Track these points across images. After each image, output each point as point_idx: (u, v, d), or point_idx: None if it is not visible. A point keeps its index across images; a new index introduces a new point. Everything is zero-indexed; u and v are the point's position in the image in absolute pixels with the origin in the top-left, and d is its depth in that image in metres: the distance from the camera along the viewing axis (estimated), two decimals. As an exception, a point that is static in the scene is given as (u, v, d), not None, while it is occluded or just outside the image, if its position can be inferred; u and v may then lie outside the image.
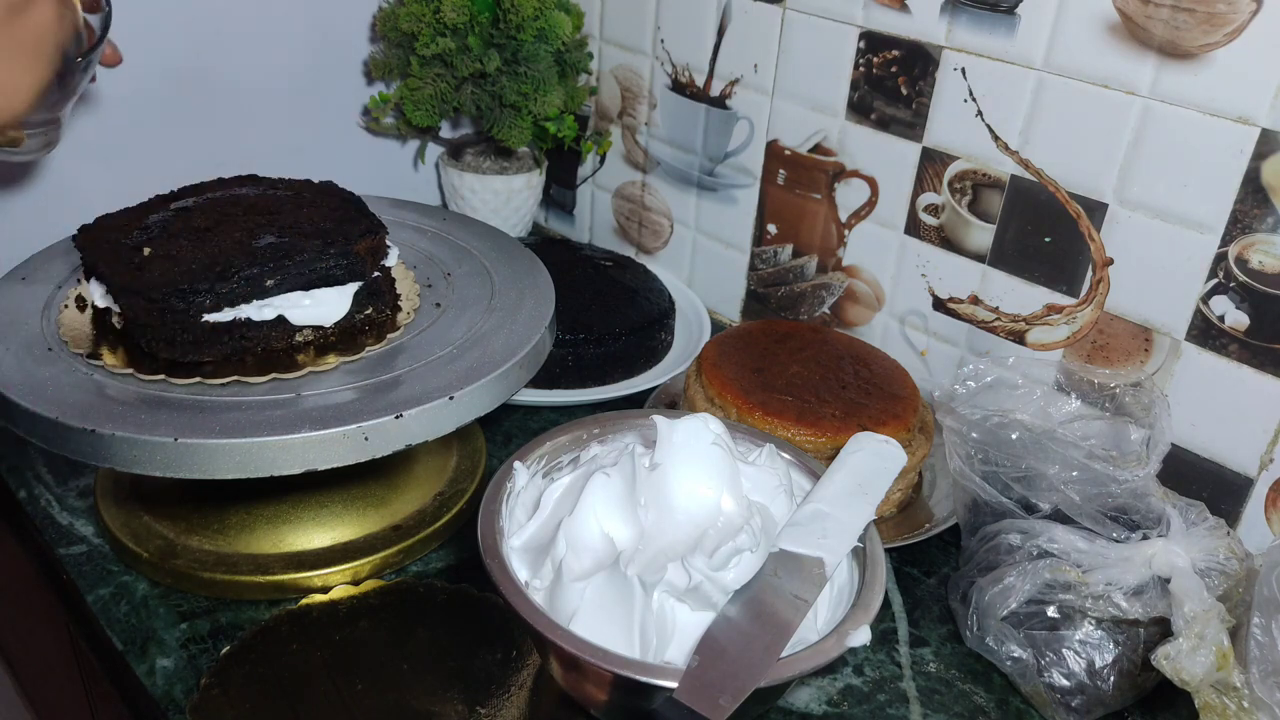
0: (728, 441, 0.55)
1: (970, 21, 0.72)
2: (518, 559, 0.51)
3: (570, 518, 0.51)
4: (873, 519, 0.53)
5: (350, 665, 0.55)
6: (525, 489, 0.56)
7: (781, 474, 0.57)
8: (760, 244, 0.93)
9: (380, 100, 0.99)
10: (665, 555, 0.51)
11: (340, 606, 0.59)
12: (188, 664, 0.56)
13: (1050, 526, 0.58)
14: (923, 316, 0.83)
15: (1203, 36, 0.62)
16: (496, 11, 0.90)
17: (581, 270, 0.90)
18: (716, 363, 0.72)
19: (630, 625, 0.47)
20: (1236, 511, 0.69)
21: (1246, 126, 0.62)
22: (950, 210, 0.78)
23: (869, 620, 0.48)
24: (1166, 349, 0.69)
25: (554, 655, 0.50)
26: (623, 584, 0.48)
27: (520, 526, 0.53)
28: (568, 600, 0.48)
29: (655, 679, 0.44)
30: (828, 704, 0.57)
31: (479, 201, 1.02)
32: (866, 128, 0.81)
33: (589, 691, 0.51)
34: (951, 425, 0.65)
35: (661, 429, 0.55)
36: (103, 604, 0.60)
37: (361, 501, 0.65)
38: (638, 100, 0.99)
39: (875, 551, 0.52)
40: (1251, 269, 0.64)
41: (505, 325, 0.64)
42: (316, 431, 0.52)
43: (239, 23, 0.93)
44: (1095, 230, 0.70)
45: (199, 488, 0.65)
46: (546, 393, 0.81)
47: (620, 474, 0.53)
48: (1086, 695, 0.56)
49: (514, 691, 0.54)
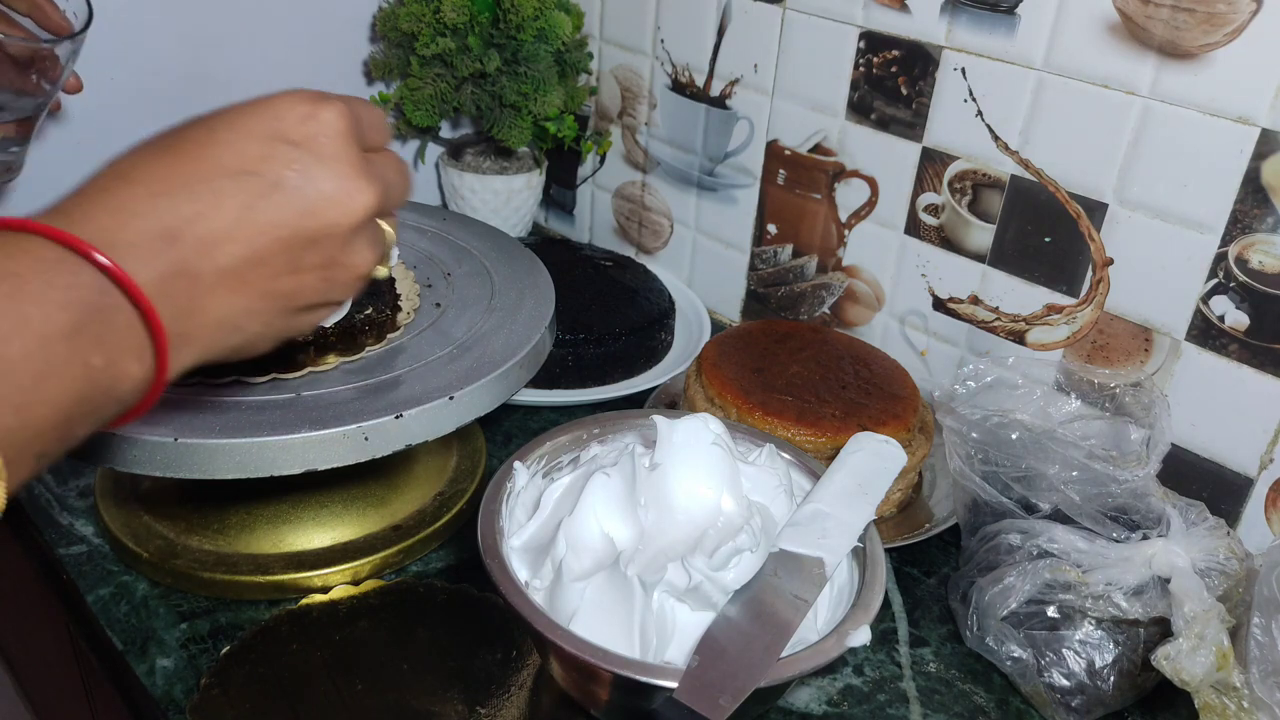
0: (728, 441, 0.55)
1: (970, 21, 0.72)
2: (518, 559, 0.51)
3: (570, 518, 0.51)
4: (873, 519, 0.53)
5: (350, 665, 0.55)
6: (525, 489, 0.56)
7: (781, 474, 0.57)
8: (760, 244, 0.93)
9: (380, 100, 0.99)
10: (665, 555, 0.51)
11: (340, 606, 0.59)
12: (188, 664, 0.56)
13: (1050, 526, 0.58)
14: (923, 316, 0.83)
15: (1203, 36, 0.62)
16: (496, 11, 0.90)
17: (581, 270, 0.90)
18: (716, 363, 0.72)
19: (630, 625, 0.47)
20: (1236, 511, 0.69)
21: (1246, 126, 0.62)
22: (950, 210, 0.78)
23: (869, 620, 0.48)
24: (1166, 349, 0.69)
25: (554, 655, 0.50)
26: (623, 584, 0.48)
27: (520, 526, 0.53)
28: (568, 600, 0.48)
29: (655, 679, 0.44)
30: (828, 704, 0.57)
31: (479, 201, 1.02)
32: (866, 128, 0.81)
33: (589, 691, 0.51)
34: (951, 425, 0.65)
35: (661, 429, 0.55)
36: (103, 604, 0.60)
37: (361, 501, 0.65)
38: (638, 100, 0.99)
39: (875, 551, 0.52)
40: (1251, 269, 0.64)
41: (505, 325, 0.64)
42: (316, 431, 0.52)
43: (239, 23, 0.93)
44: (1095, 230, 0.70)
45: (199, 488, 0.65)
46: (546, 393, 0.81)
47: (620, 474, 0.53)
48: (1086, 695, 0.56)
49: (514, 691, 0.54)
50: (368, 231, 0.41)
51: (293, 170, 0.38)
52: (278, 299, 0.39)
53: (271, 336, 0.41)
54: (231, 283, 0.37)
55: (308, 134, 0.38)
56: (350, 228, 0.40)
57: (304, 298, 0.40)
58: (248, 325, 0.39)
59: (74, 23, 0.66)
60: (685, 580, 0.48)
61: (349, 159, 0.39)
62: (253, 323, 0.39)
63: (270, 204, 0.37)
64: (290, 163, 0.38)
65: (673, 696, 0.43)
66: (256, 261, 0.37)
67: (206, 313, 0.37)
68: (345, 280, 0.42)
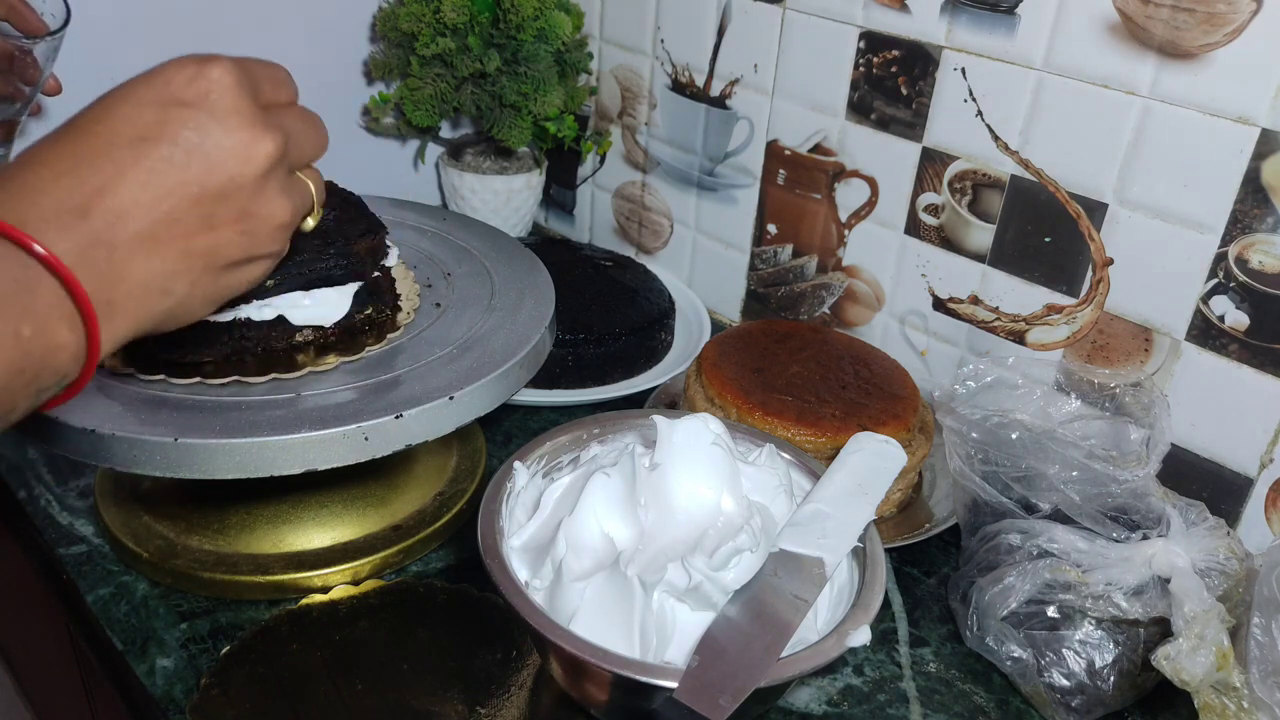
0: (728, 441, 0.55)
1: (970, 21, 0.72)
2: (518, 559, 0.51)
3: (570, 518, 0.51)
4: (873, 519, 0.53)
5: (350, 665, 0.55)
6: (525, 489, 0.56)
7: (781, 474, 0.57)
8: (760, 244, 0.93)
9: (380, 100, 0.99)
10: (665, 555, 0.51)
11: (340, 606, 0.59)
12: (188, 664, 0.56)
13: (1050, 526, 0.58)
14: (923, 316, 0.83)
15: (1203, 36, 0.62)
16: (496, 11, 0.90)
17: (581, 270, 0.90)
18: (716, 363, 0.72)
19: (630, 625, 0.47)
20: (1236, 511, 0.69)
21: (1246, 126, 0.62)
22: (950, 210, 0.78)
23: (869, 620, 0.48)
24: (1166, 349, 0.69)
25: (554, 655, 0.50)
26: (623, 584, 0.48)
27: (520, 526, 0.53)
28: (568, 600, 0.48)
29: (656, 679, 0.44)
30: (828, 704, 0.57)
31: (479, 201, 1.02)
32: (866, 128, 0.81)
33: (589, 691, 0.51)
34: (951, 425, 0.65)
35: (661, 429, 0.55)
36: (103, 604, 0.60)
37: (361, 501, 0.65)
38: (638, 100, 0.99)
39: (875, 551, 0.52)
40: (1251, 269, 0.64)
41: (505, 325, 0.64)
42: (316, 431, 0.52)
43: (238, 23, 0.93)
44: (1095, 230, 0.70)
45: (199, 488, 0.65)
46: (546, 393, 0.81)
47: (620, 474, 0.53)
48: (1086, 695, 0.56)
49: (514, 691, 0.54)
50: (276, 180, 0.42)
51: (188, 129, 0.39)
52: (198, 257, 0.40)
53: (203, 297, 0.42)
54: (149, 246, 0.38)
55: (198, 93, 0.39)
56: (255, 177, 0.41)
57: (226, 254, 0.41)
58: (174, 287, 0.40)
59: (51, 23, 0.66)
60: (685, 580, 0.48)
61: (243, 110, 0.40)
62: (178, 284, 0.40)
63: (172, 165, 0.39)
64: (185, 123, 0.39)
65: (672, 696, 0.43)
66: (169, 222, 0.39)
67: (130, 278, 0.38)
68: (265, 232, 0.43)
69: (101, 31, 0.86)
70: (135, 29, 0.87)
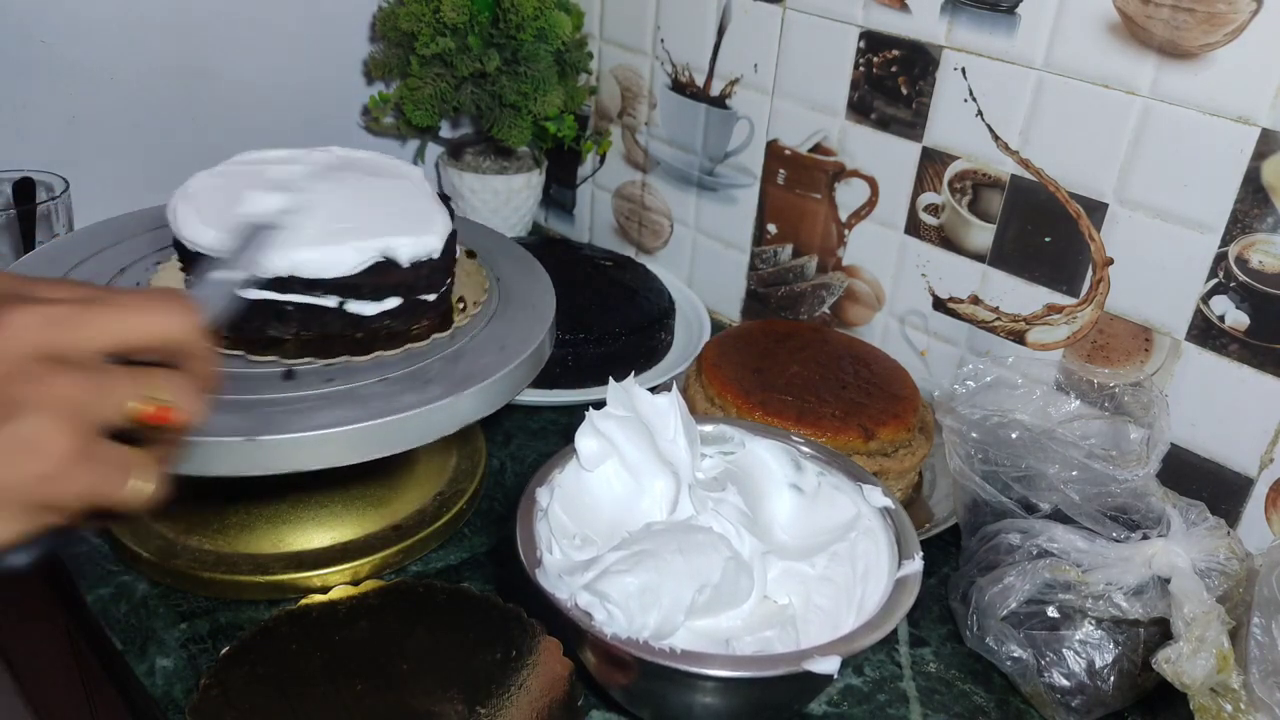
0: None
1: (970, 21, 0.72)
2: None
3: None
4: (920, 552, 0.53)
5: (350, 665, 0.55)
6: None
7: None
8: (760, 244, 0.93)
9: (380, 100, 0.99)
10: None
11: (340, 606, 0.59)
12: (188, 664, 0.56)
13: (1050, 526, 0.58)
14: (923, 316, 0.83)
15: (1203, 36, 0.62)
16: (496, 11, 0.90)
17: (581, 270, 0.90)
18: (716, 363, 0.72)
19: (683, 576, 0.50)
20: (1236, 511, 0.69)
21: (1246, 126, 0.62)
22: (950, 210, 0.78)
23: (851, 652, 0.48)
24: (1166, 349, 0.69)
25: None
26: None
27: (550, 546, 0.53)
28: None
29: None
30: (828, 704, 0.57)
31: (479, 201, 1.02)
32: (866, 127, 0.81)
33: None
34: (951, 425, 0.65)
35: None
36: (103, 604, 0.60)
37: (361, 501, 0.65)
38: (638, 100, 0.99)
39: (913, 580, 0.51)
40: (1251, 269, 0.64)
41: (505, 325, 0.64)
42: (316, 431, 0.52)
43: (239, 23, 0.93)
44: (1095, 230, 0.70)
45: (199, 487, 0.64)
46: (546, 393, 0.81)
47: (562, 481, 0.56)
48: (1086, 695, 0.56)
49: (514, 691, 0.54)
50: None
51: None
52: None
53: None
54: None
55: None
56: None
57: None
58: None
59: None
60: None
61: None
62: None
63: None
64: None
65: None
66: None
67: None
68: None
69: (102, 31, 0.86)
70: (136, 29, 0.87)
